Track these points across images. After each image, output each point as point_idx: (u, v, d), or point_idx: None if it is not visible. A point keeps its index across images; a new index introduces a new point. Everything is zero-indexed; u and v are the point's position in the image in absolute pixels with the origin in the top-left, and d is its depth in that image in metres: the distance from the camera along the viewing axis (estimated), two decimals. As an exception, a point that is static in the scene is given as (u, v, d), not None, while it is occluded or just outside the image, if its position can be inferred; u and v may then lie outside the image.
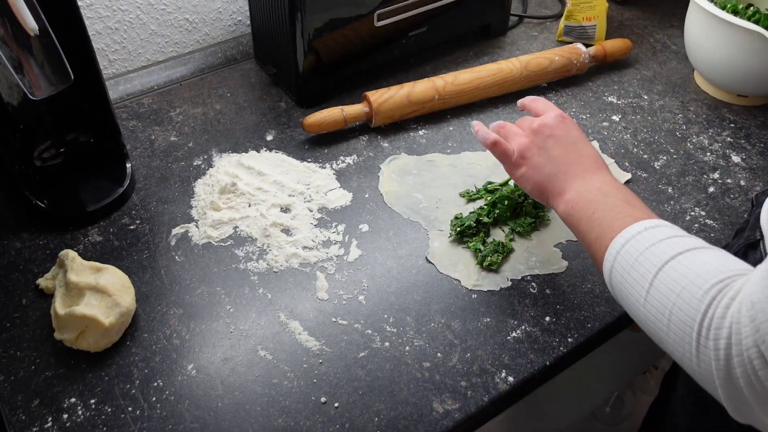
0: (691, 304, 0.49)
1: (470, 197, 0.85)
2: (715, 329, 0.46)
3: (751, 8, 1.00)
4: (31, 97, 0.65)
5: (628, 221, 0.58)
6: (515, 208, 0.83)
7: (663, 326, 0.52)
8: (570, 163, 0.68)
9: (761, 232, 0.63)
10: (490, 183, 0.87)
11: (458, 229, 0.80)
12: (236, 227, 0.82)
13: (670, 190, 0.88)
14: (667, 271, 0.52)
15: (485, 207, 0.83)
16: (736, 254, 0.65)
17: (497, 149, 0.72)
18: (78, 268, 0.71)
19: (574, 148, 0.69)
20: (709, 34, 0.96)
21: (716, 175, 0.90)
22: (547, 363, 0.69)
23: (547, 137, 0.70)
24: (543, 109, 0.74)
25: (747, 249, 0.66)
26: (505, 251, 0.79)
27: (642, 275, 0.54)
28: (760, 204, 0.69)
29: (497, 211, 0.82)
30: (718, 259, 0.51)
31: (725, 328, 0.46)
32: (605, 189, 0.64)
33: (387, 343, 0.70)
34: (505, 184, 0.85)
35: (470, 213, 0.82)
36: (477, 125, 0.74)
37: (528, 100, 0.77)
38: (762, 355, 0.43)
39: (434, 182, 0.88)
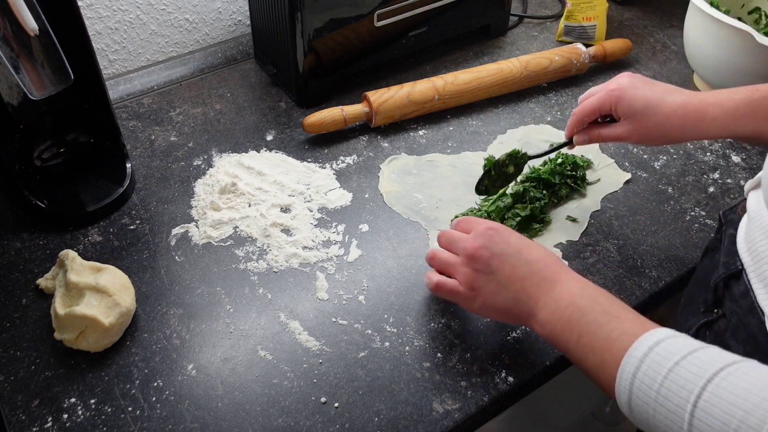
0: None
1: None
2: None
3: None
4: (31, 97, 0.65)
5: (625, 340, 0.52)
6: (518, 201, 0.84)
7: None
8: (524, 279, 0.62)
9: (741, 261, 0.60)
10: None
11: None
12: (236, 227, 0.82)
13: (670, 190, 0.88)
14: (709, 403, 0.45)
15: (484, 208, 0.83)
16: (716, 287, 0.63)
17: (444, 288, 0.67)
18: (78, 268, 0.71)
19: (520, 260, 0.63)
20: (704, 34, 0.96)
21: (716, 175, 0.90)
22: (547, 363, 0.69)
23: (488, 259, 0.63)
24: (466, 226, 0.68)
25: (728, 280, 0.62)
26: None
27: (675, 411, 0.47)
28: (730, 222, 0.67)
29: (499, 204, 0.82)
30: (764, 378, 0.45)
31: None
32: (577, 302, 0.58)
33: (387, 343, 0.70)
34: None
35: (469, 210, 0.83)
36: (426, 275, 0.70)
37: (454, 223, 0.71)
38: None
39: (434, 182, 0.88)
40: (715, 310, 0.64)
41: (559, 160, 0.88)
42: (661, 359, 0.49)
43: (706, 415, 0.45)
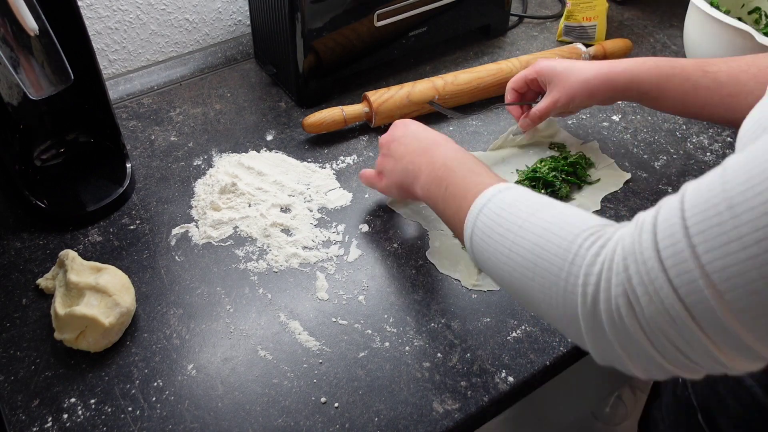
0: (557, 253, 0.49)
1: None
2: (584, 275, 0.46)
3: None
4: (31, 97, 0.65)
5: (480, 189, 0.60)
6: None
7: (528, 281, 0.51)
8: (413, 153, 0.72)
9: None
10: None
11: None
12: (236, 227, 0.82)
13: (670, 190, 0.88)
14: (531, 224, 0.52)
15: None
16: None
17: (364, 177, 0.81)
18: (78, 268, 0.71)
19: (413, 139, 0.73)
20: (704, 34, 0.96)
21: (716, 175, 0.90)
22: (547, 363, 0.69)
23: (390, 143, 0.75)
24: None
25: None
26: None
27: (504, 232, 0.54)
28: None
29: None
30: (583, 212, 0.52)
31: (594, 274, 0.45)
32: (449, 163, 0.66)
33: (387, 343, 0.70)
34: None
35: None
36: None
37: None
38: (630, 303, 0.42)
39: None
40: None
41: (560, 161, 0.89)
42: (505, 198, 0.57)
43: (527, 232, 0.52)
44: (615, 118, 0.99)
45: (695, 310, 0.39)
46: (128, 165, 0.86)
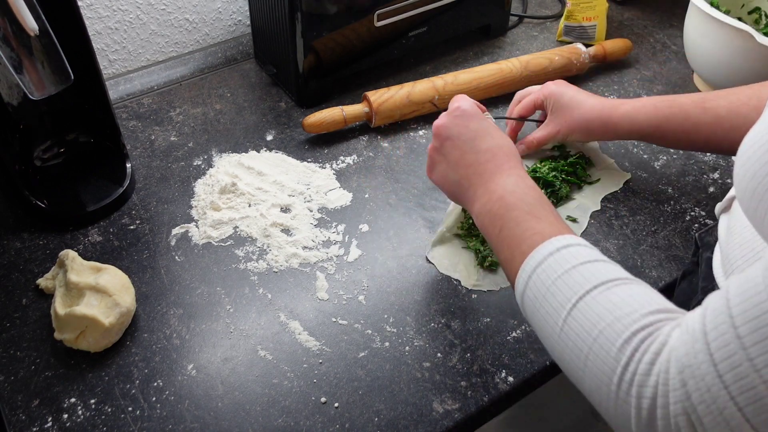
0: (610, 351, 0.45)
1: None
2: (638, 386, 0.43)
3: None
4: (31, 97, 0.65)
5: (536, 240, 0.55)
6: None
7: (578, 368, 0.48)
8: (468, 167, 0.65)
9: (719, 287, 0.60)
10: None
11: (465, 227, 0.80)
12: (236, 227, 0.82)
13: (670, 190, 0.88)
14: (585, 307, 0.48)
15: None
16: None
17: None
18: (78, 268, 0.71)
19: (471, 147, 0.66)
20: (704, 34, 0.96)
21: (716, 175, 0.90)
22: (547, 363, 0.69)
23: (444, 140, 0.67)
24: (450, 104, 0.71)
25: None
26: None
27: (556, 308, 0.50)
28: (707, 246, 0.67)
29: None
30: (641, 296, 0.47)
31: (650, 387, 0.42)
32: (506, 198, 0.60)
33: (387, 343, 0.70)
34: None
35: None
36: None
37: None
38: (691, 423, 0.40)
39: None
40: None
41: (560, 161, 0.89)
42: (561, 261, 0.52)
43: (580, 315, 0.48)
44: (615, 118, 0.99)
45: (765, 428, 0.37)
46: (128, 165, 0.86)
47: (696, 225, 0.83)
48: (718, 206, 0.65)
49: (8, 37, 0.62)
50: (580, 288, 0.49)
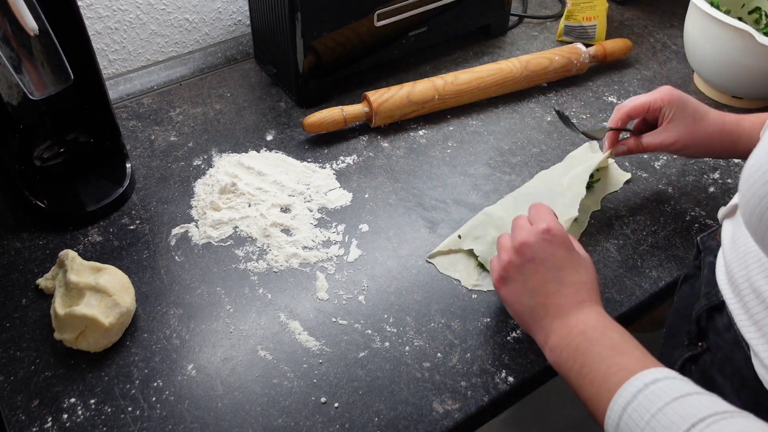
0: None
1: None
2: None
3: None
4: (31, 97, 0.65)
5: (623, 376, 0.52)
6: None
7: None
8: (548, 296, 0.61)
9: (723, 294, 0.60)
10: None
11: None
12: (236, 227, 0.82)
13: (670, 190, 0.88)
14: None
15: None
16: (699, 319, 0.62)
17: (492, 262, 0.67)
18: (78, 268, 0.71)
19: (555, 276, 0.62)
20: (704, 34, 0.96)
21: (716, 175, 0.90)
22: (548, 363, 0.69)
23: (527, 261, 0.62)
24: (534, 216, 0.66)
25: (711, 312, 0.61)
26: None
27: None
28: (708, 249, 0.67)
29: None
30: (748, 431, 0.45)
31: None
32: (589, 333, 0.57)
33: (387, 343, 0.70)
34: None
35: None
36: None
37: (531, 207, 0.69)
38: None
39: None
40: (699, 344, 0.63)
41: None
42: (653, 398, 0.49)
43: None
44: (615, 118, 0.99)
45: None
46: (128, 165, 0.86)
47: (696, 225, 0.83)
48: (721, 211, 0.64)
49: (8, 37, 0.62)
50: (677, 428, 0.46)
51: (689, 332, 0.65)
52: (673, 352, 0.67)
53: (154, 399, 0.65)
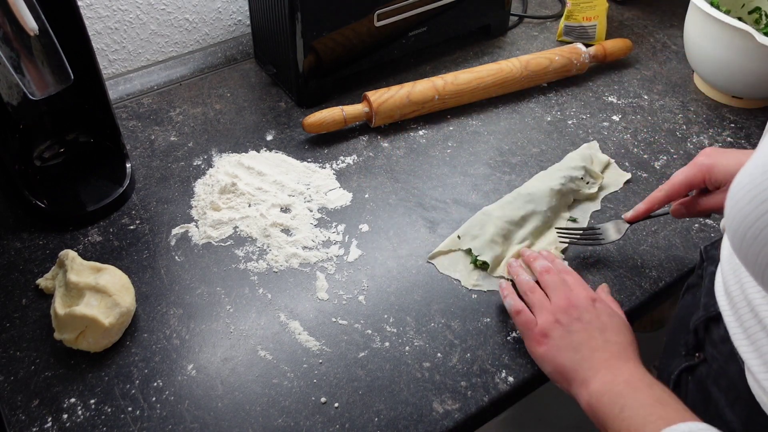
0: None
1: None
2: None
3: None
4: (31, 97, 0.65)
5: (660, 425, 0.52)
6: None
7: None
8: (595, 350, 0.62)
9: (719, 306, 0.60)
10: None
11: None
12: (236, 227, 0.82)
13: (670, 190, 0.88)
14: None
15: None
16: (696, 329, 0.62)
17: (521, 318, 0.68)
18: (78, 268, 0.71)
19: (601, 335, 0.64)
20: (704, 34, 0.96)
21: (716, 175, 0.90)
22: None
23: (574, 320, 0.65)
24: (573, 284, 0.69)
25: (708, 323, 0.61)
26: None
27: None
28: (711, 259, 0.66)
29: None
30: None
31: None
32: (634, 383, 0.58)
33: (387, 343, 0.70)
34: None
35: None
36: (505, 288, 0.71)
37: (556, 267, 0.71)
38: None
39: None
40: (696, 354, 0.63)
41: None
42: None
43: None
44: (615, 118, 0.99)
45: None
46: (128, 165, 0.86)
47: (696, 225, 0.83)
48: (723, 221, 0.64)
49: (8, 37, 0.62)
50: None
51: (687, 342, 0.64)
52: (671, 362, 0.67)
53: (154, 399, 0.65)
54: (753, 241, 0.41)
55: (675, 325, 0.71)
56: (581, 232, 0.79)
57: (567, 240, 0.79)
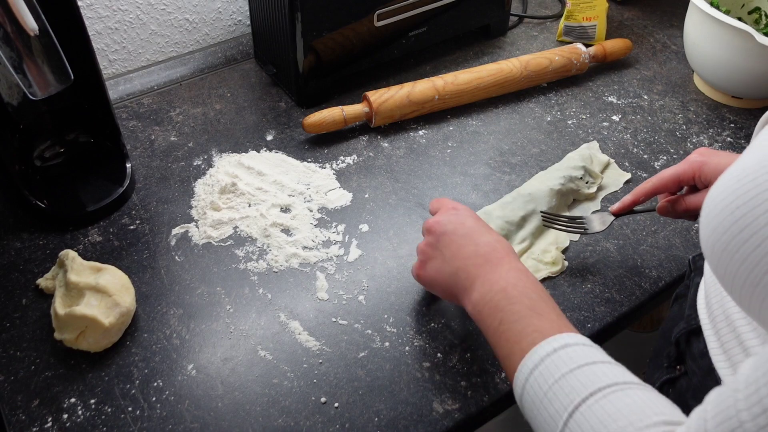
0: None
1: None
2: None
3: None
4: (31, 97, 0.65)
5: (535, 338, 0.52)
6: None
7: None
8: (467, 259, 0.62)
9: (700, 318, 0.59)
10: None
11: None
12: (236, 227, 0.82)
13: (670, 190, 0.88)
14: (581, 418, 0.46)
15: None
16: (678, 341, 0.61)
17: (412, 271, 0.70)
18: (78, 268, 0.71)
19: (469, 241, 0.63)
20: (704, 34, 0.96)
21: (716, 175, 0.90)
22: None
23: (440, 235, 0.65)
24: (436, 207, 0.70)
25: (689, 335, 0.61)
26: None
27: (553, 416, 0.47)
28: (698, 270, 0.65)
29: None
30: (641, 406, 0.45)
31: None
32: (508, 291, 0.57)
33: (387, 343, 0.70)
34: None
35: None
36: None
37: (431, 203, 0.72)
38: None
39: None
40: (678, 367, 0.62)
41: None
42: (559, 363, 0.49)
43: (577, 426, 0.46)
44: (615, 118, 0.99)
45: None
46: (128, 165, 0.86)
47: (696, 225, 0.83)
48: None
49: (8, 37, 0.62)
50: (576, 395, 0.47)
51: (669, 354, 0.64)
52: (654, 373, 0.66)
53: (154, 399, 0.65)
54: (722, 253, 0.40)
55: (660, 337, 0.71)
56: (566, 219, 0.79)
57: (550, 225, 0.79)
